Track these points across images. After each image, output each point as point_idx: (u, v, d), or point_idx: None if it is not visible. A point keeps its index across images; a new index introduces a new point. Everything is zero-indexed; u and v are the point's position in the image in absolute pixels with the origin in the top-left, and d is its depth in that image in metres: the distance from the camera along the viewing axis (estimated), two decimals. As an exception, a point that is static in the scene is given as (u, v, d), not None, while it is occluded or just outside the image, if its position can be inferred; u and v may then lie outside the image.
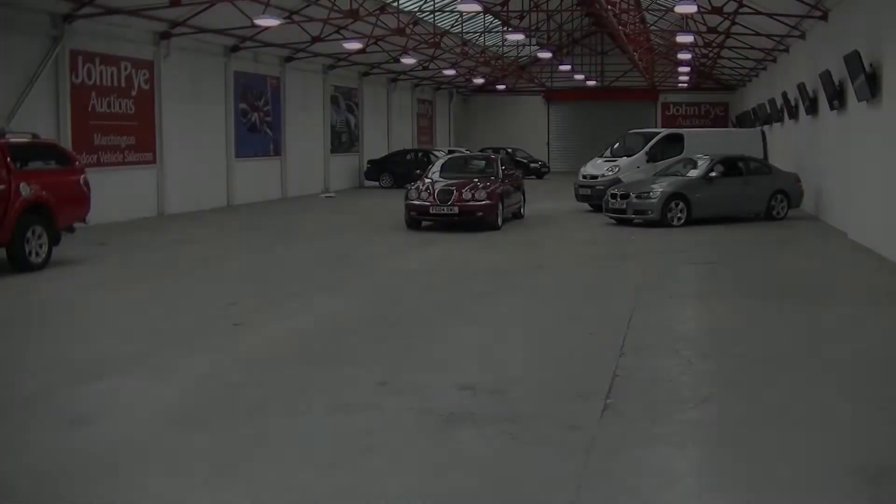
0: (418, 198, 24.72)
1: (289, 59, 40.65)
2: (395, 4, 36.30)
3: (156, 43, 31.00)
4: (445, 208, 24.16)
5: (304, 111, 42.55)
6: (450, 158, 30.30)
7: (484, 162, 28.56)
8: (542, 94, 65.96)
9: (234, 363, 10.51)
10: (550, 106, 67.27)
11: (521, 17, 43.79)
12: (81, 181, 19.35)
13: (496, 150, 56.96)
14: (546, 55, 49.33)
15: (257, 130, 38.60)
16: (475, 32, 45.94)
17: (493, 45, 50.77)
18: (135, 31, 29.51)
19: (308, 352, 11.13)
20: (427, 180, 25.67)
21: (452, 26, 43.58)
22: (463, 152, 50.22)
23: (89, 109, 27.65)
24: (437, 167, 27.74)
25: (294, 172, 41.24)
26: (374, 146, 50.64)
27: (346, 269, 18.11)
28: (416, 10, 39.45)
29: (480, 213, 24.26)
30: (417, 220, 25.03)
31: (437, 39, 39.80)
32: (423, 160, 46.54)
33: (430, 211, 24.38)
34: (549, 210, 31.50)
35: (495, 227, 24.56)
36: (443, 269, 17.97)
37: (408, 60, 44.65)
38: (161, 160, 31.05)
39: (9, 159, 17.37)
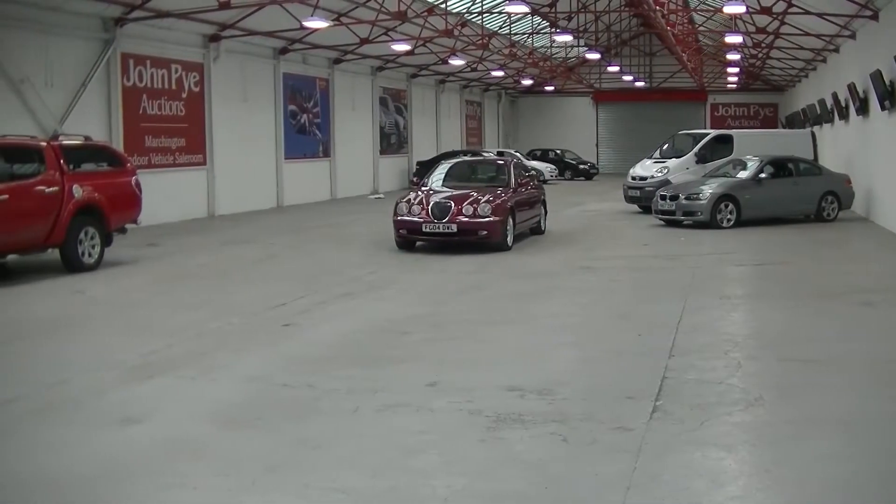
0: (409, 213, 20.52)
1: (337, 61, 40.78)
2: (444, 6, 36.30)
3: (205, 45, 31.24)
4: (441, 226, 20.13)
5: (352, 113, 42.66)
6: (454, 164, 25.00)
7: (494, 168, 24.46)
8: (590, 95, 65.82)
9: (284, 364, 10.56)
10: (599, 107, 67.14)
11: (569, 19, 43.69)
12: (133, 183, 19.53)
13: (544, 152, 57.08)
14: (594, 56, 49.22)
15: (306, 132, 38.75)
16: (523, 34, 45.89)
17: (542, 47, 50.69)
18: (184, 33, 29.75)
19: (357, 352, 11.16)
20: (422, 191, 21.56)
21: (500, 27, 43.51)
22: (514, 153, 50.37)
23: (140, 112, 27.93)
24: (437, 175, 23.51)
25: (343, 174, 41.35)
26: (423, 147, 50.68)
27: (395, 269, 18.14)
28: (465, 11, 39.46)
29: (485, 232, 20.23)
30: (409, 240, 20.97)
31: (485, 41, 39.81)
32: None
33: (423, 229, 20.33)
34: (595, 211, 31.40)
35: (504, 248, 20.58)
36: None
37: (456, 62, 44.69)
38: (211, 162, 31.27)
39: (62, 161, 17.60)
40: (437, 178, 23.06)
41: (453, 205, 20.29)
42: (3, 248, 16.64)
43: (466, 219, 20.13)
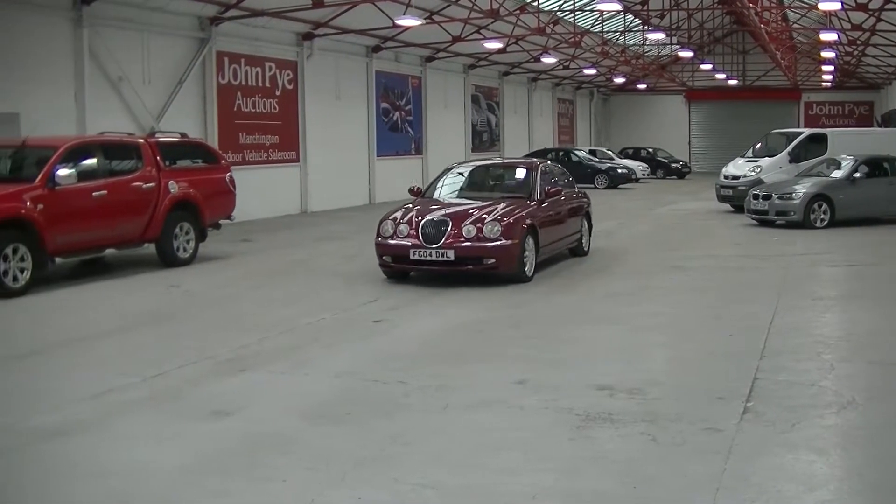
0: (394, 234, 15.98)
1: (429, 59, 40.91)
2: (536, 4, 36.30)
3: (299, 43, 31.54)
4: (434, 252, 15.56)
5: (444, 110, 42.81)
6: (464, 171, 19.43)
7: (513, 175, 19.24)
8: (682, 93, 65.34)
9: (374, 360, 10.64)
10: (692, 105, 66.66)
11: (662, 16, 43.46)
12: (227, 179, 19.82)
13: (636, 150, 56.70)
14: (687, 54, 48.87)
15: (398, 129, 38.96)
16: (615, 31, 45.65)
17: (634, 45, 50.42)
18: (278, 32, 30.06)
19: (447, 349, 11.22)
20: (416, 205, 17.03)
21: (593, 25, 43.43)
22: (606, 152, 50.26)
23: (235, 109, 28.31)
24: (443, 182, 18.60)
25: (435, 171, 41.30)
26: (515, 145, 50.68)
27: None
28: (557, 9, 39.39)
29: (492, 261, 15.62)
30: (395, 270, 16.41)
31: (577, 39, 39.73)
32: (563, 159, 46.45)
33: (412, 255, 15.76)
34: (687, 210, 31.21)
35: (520, 279, 15.98)
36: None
37: (548, 60, 44.64)
38: (304, 159, 31.58)
39: (158, 158, 17.94)
40: (441, 188, 18.35)
41: (450, 224, 15.71)
42: (101, 243, 16.97)
43: (467, 242, 15.55)
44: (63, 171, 15.90)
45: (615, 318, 13.16)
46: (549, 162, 20.25)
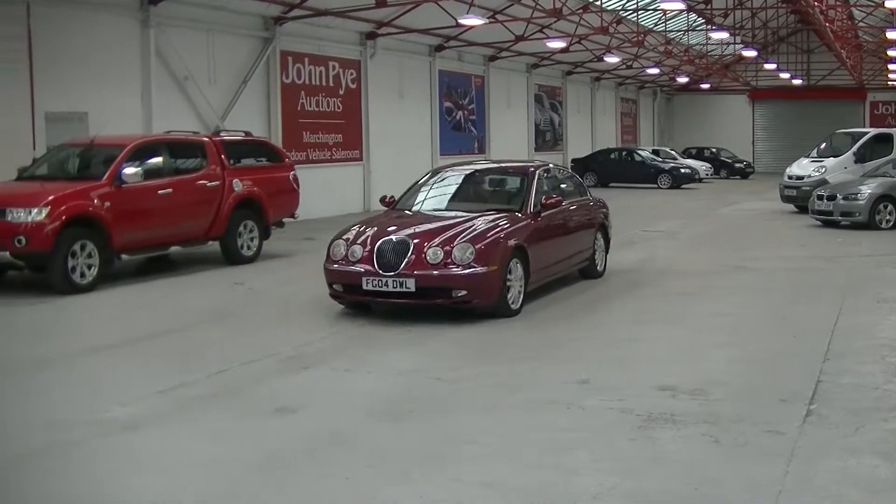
0: (345, 258, 12.94)
1: (492, 58, 40.93)
2: (599, 3, 36.19)
3: (362, 43, 31.66)
4: (391, 281, 12.46)
5: (507, 110, 42.84)
6: (451, 175, 15.96)
7: (506, 182, 15.95)
8: (746, 93, 64.86)
9: (435, 358, 10.70)
10: (755, 105, 66.15)
11: (726, 15, 43.19)
12: (291, 178, 19.98)
13: (700, 150, 56.36)
14: (751, 53, 48.50)
15: (461, 129, 39.01)
16: (679, 31, 45.47)
17: (697, 44, 50.19)
18: (342, 31, 30.19)
19: (509, 349, 11.25)
20: (375, 222, 14.02)
21: (656, 25, 43.25)
22: (669, 151, 50.01)
23: (298, 108, 28.48)
24: (420, 191, 15.39)
25: (498, 170, 41.40)
26: (578, 145, 50.60)
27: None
28: (620, 8, 39.28)
29: (462, 293, 12.46)
30: (347, 300, 13.43)
31: (640, 38, 39.59)
32: (626, 159, 46.36)
33: (364, 285, 12.64)
34: (751, 211, 31.02)
35: (503, 313, 12.88)
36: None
37: (611, 59, 44.54)
38: (367, 157, 31.72)
39: (223, 156, 18.12)
40: (417, 199, 15.20)
41: (412, 246, 12.66)
42: (166, 240, 17.15)
43: (432, 270, 12.48)
44: (129, 170, 16.13)
45: (678, 317, 13.11)
46: (551, 165, 16.73)
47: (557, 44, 38.79)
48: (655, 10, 40.73)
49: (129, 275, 16.97)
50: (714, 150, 57.56)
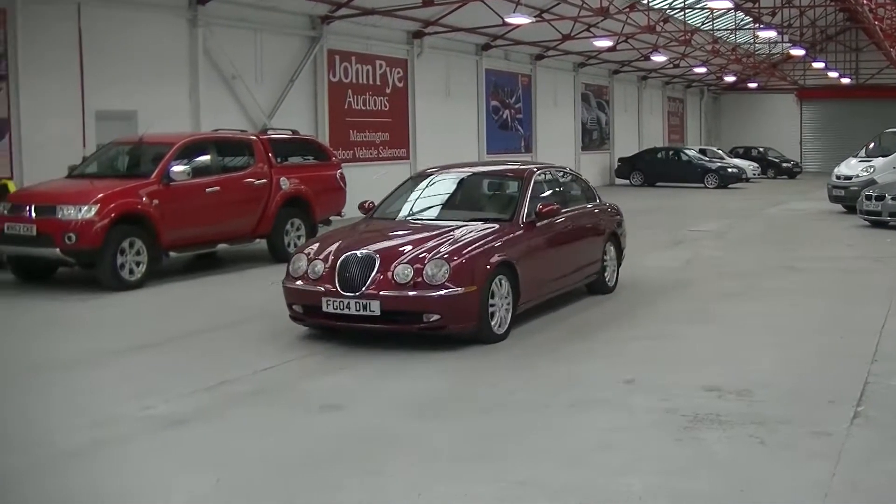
0: (305, 275, 11.46)
1: (539, 57, 40.94)
2: (646, 2, 36.13)
3: (409, 42, 31.76)
4: (353, 303, 10.89)
5: (554, 109, 42.83)
6: (437, 180, 14.07)
7: (497, 188, 14.23)
8: (794, 92, 64.40)
9: (481, 357, 10.74)
10: (803, 104, 65.68)
11: (773, 14, 42.96)
12: (338, 176, 20.07)
13: (747, 150, 56.04)
14: (799, 52, 48.15)
15: (508, 128, 39.06)
16: (726, 29, 45.25)
17: (745, 43, 49.91)
18: (389, 30, 30.30)
19: (554, 348, 11.24)
20: (337, 236, 12.40)
21: (703, 23, 43.07)
22: (716, 151, 49.76)
23: (345, 107, 28.58)
24: (401, 198, 13.88)
25: (545, 169, 41.38)
26: (625, 144, 50.51)
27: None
28: (667, 7, 39.16)
29: (435, 317, 10.81)
30: (306, 321, 11.76)
31: (687, 37, 39.43)
32: (673, 158, 46.20)
33: (325, 307, 11.08)
34: (798, 211, 30.83)
35: (487, 339, 11.21)
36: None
37: (658, 58, 44.38)
38: (414, 156, 31.80)
39: (270, 155, 18.23)
40: (397, 205, 13.63)
41: (378, 262, 11.08)
42: (214, 238, 17.27)
43: (400, 290, 10.85)
44: (178, 168, 16.26)
45: (724, 318, 13.07)
46: (552, 168, 14.84)
47: (604, 43, 38.72)
48: (703, 8, 40.54)
49: (176, 272, 17.10)
50: (761, 149, 57.26)
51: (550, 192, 13.88)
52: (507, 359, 10.64)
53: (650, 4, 36.63)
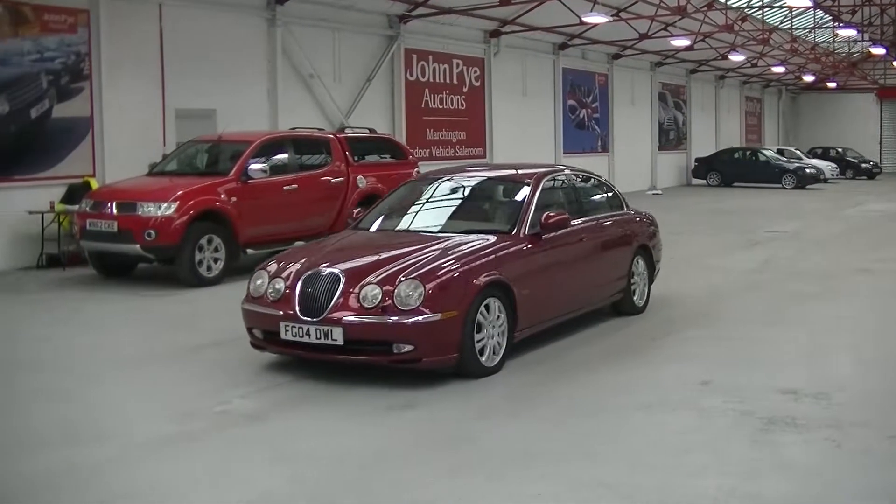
0: (264, 296, 9.95)
1: (616, 56, 40.82)
2: (723, 0, 35.86)
3: (486, 41, 31.80)
4: (314, 330, 9.36)
5: (631, 108, 42.69)
6: (434, 185, 12.33)
7: (498, 194, 12.32)
8: (874, 91, 63.57)
9: (555, 356, 10.73)
10: (883, 104, 64.81)
11: (853, 12, 42.35)
12: (414, 174, 20.09)
13: (825, 150, 55.39)
14: (879, 51, 47.46)
15: (585, 127, 39.01)
16: (805, 28, 44.79)
17: (824, 42, 49.37)
18: (465, 29, 30.36)
19: (630, 349, 11.22)
20: (304, 251, 10.95)
21: (781, 22, 42.65)
22: (794, 151, 49.24)
23: (422, 105, 28.69)
24: (392, 205, 12.20)
25: (621, 169, 41.33)
26: (702, 144, 50.19)
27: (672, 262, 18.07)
28: (745, 5, 38.83)
29: (408, 348, 9.20)
30: (266, 348, 10.15)
31: (765, 36, 39.08)
32: (750, 158, 45.86)
33: (283, 334, 9.57)
34: (877, 212, 30.49)
35: (472, 373, 9.60)
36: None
37: (736, 57, 44.06)
38: (490, 155, 31.85)
39: (347, 153, 18.36)
40: (390, 213, 11.97)
41: (343, 281, 9.54)
42: (291, 235, 17.34)
43: (367, 315, 9.28)
44: (256, 166, 16.46)
45: (800, 319, 12.96)
46: (566, 172, 12.97)
47: (682, 42, 38.48)
48: (781, 7, 40.10)
49: (253, 269, 17.22)
50: (840, 149, 56.68)
51: (564, 199, 12.18)
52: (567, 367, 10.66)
53: (728, 3, 36.35)
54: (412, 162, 20.51)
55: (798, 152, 50.84)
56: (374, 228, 11.55)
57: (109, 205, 15.83)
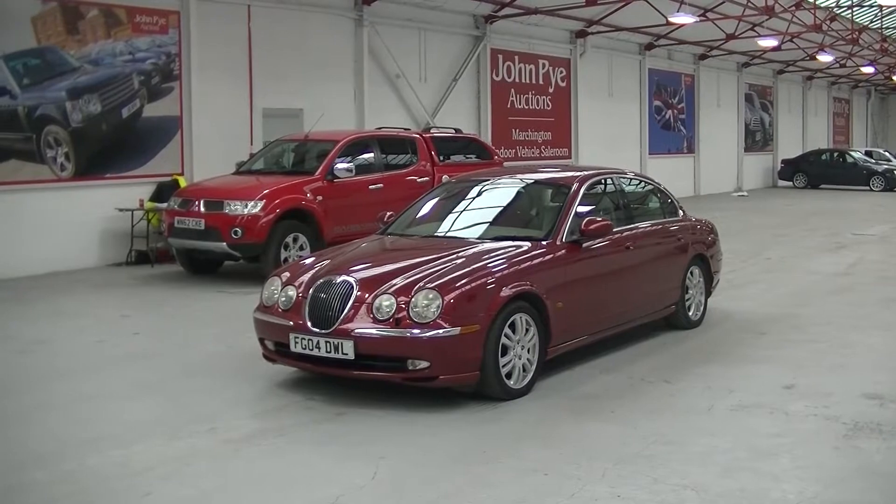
0: (276, 305, 9.34)
1: (702, 57, 40.55)
2: (812, 0, 35.49)
3: (572, 41, 31.79)
4: (323, 342, 8.74)
5: (717, 109, 42.39)
6: (472, 186, 11.76)
7: (533, 199, 11.50)
8: (966, 92, 62.68)
9: (637, 357, 10.75)
10: (976, 106, 63.85)
11: (946, 11, 41.82)
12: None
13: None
14: (971, 51, 46.88)
15: (671, 128, 38.81)
16: (895, 28, 44.19)
17: (916, 41, 48.71)
18: (552, 30, 30.37)
19: (714, 350, 11.19)
20: (323, 257, 10.20)
21: (871, 21, 42.10)
22: (883, 153, 48.51)
23: (508, 106, 28.73)
24: (425, 208, 11.64)
25: (707, 170, 41.09)
26: (789, 145, 49.70)
27: (758, 265, 17.96)
28: (834, 5, 38.38)
29: (424, 365, 8.47)
30: (279, 361, 9.48)
31: (854, 35, 38.56)
32: (838, 160, 45.32)
33: (293, 346, 8.98)
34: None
35: (494, 394, 8.89)
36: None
37: (824, 58, 43.50)
38: (576, 156, 31.86)
39: (433, 153, 18.48)
40: (421, 217, 11.47)
41: (355, 290, 8.91)
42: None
43: (379, 327, 8.62)
44: (342, 165, 16.62)
45: (888, 324, 12.82)
46: (616, 175, 12.02)
47: (769, 42, 38.09)
48: (871, 6, 39.64)
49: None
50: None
51: (610, 204, 11.45)
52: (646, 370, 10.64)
53: (816, 2, 35.97)
54: (498, 162, 20.51)
55: (887, 154, 50.11)
56: (402, 233, 11.00)
57: (197, 203, 16.07)
